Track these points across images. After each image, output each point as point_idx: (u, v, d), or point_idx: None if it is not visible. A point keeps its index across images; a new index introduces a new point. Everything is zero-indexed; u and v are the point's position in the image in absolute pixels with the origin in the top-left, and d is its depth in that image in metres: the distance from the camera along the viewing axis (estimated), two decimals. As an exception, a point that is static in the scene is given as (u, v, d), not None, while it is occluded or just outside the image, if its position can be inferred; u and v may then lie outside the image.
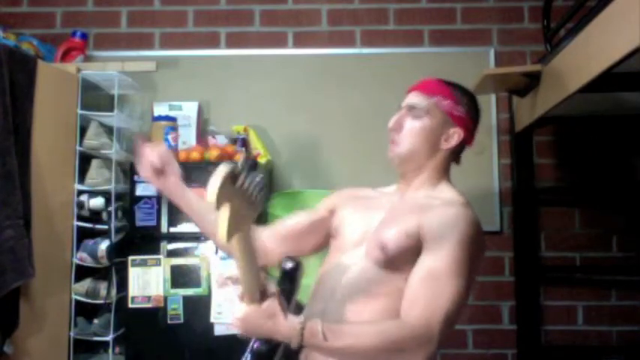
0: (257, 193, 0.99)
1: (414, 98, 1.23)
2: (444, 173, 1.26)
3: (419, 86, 1.26)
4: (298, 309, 1.10)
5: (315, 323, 1.01)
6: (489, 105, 2.61)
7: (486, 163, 2.58)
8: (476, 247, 1.09)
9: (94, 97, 2.44)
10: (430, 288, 1.03)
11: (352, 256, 1.18)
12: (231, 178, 0.93)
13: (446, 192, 1.22)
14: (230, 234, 0.95)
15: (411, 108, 1.22)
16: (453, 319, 1.04)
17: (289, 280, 1.07)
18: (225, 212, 0.93)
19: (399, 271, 1.10)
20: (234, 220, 0.95)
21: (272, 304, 1.02)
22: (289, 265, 1.07)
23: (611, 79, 1.57)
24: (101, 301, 2.24)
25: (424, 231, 1.09)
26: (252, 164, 1.00)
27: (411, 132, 1.21)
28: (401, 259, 1.10)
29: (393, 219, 1.16)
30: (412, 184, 1.24)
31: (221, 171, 0.92)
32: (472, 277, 1.08)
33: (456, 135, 1.23)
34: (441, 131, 1.22)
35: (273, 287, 1.05)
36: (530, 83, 2.15)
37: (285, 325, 1.01)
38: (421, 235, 1.09)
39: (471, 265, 1.06)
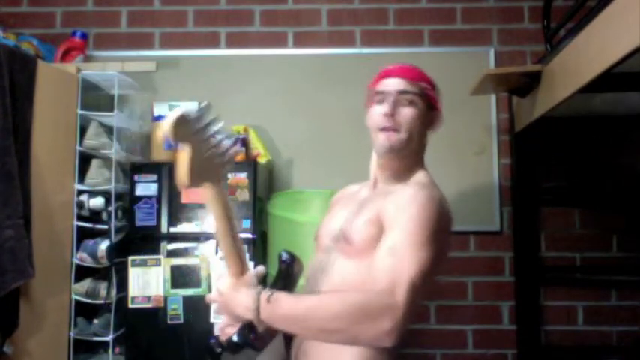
0: (221, 140, 0.99)
1: (401, 84, 1.20)
2: (421, 161, 1.26)
3: (400, 72, 1.22)
4: None
5: (275, 292, 1.01)
6: (489, 105, 2.61)
7: (486, 163, 2.58)
8: (436, 221, 1.06)
9: (94, 97, 2.44)
10: (391, 261, 1.01)
11: (327, 253, 1.18)
12: (189, 121, 0.95)
13: (417, 178, 1.21)
14: (193, 178, 0.95)
15: (402, 93, 1.19)
16: (417, 289, 0.99)
17: (285, 273, 1.08)
18: (184, 154, 0.94)
19: (368, 260, 1.08)
20: (198, 165, 0.95)
21: (247, 277, 1.04)
22: (285, 255, 1.08)
23: (611, 79, 1.57)
24: (101, 301, 2.25)
25: (383, 215, 1.09)
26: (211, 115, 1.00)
27: (409, 118, 1.18)
28: (368, 248, 1.09)
29: (360, 210, 1.16)
30: (388, 172, 1.23)
31: (175, 111, 0.94)
32: (437, 250, 1.04)
33: (437, 120, 1.26)
34: (427, 117, 1.23)
35: (260, 269, 1.07)
36: (530, 83, 2.15)
37: (245, 294, 1.02)
38: (382, 221, 1.09)
39: (431, 238, 1.03)
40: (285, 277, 1.08)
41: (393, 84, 1.20)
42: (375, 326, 0.95)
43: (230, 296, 1.05)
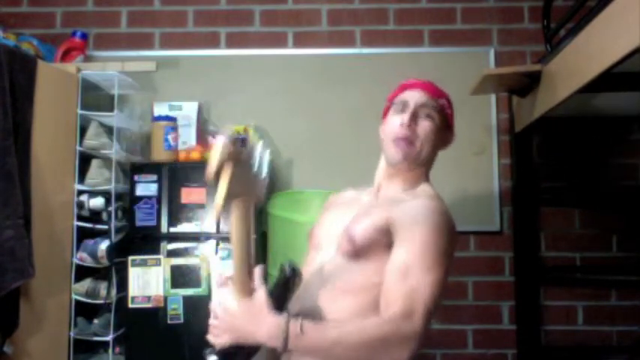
0: (258, 162, 1.00)
1: (422, 97, 1.21)
2: (427, 174, 1.27)
3: (422, 86, 1.24)
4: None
5: (297, 320, 0.99)
6: (489, 105, 2.61)
7: (486, 163, 2.58)
8: (447, 236, 1.08)
9: (94, 97, 2.44)
10: (407, 282, 1.02)
11: (326, 253, 1.18)
12: (232, 146, 0.95)
13: (423, 189, 1.22)
14: (227, 200, 0.94)
15: (422, 106, 1.20)
16: (432, 311, 1.02)
17: (284, 285, 1.06)
18: (225, 176, 0.93)
19: (369, 263, 1.09)
20: (233, 185, 0.94)
21: (261, 297, 1.00)
22: (288, 269, 1.05)
23: (611, 79, 1.57)
24: (101, 301, 2.24)
25: (394, 224, 1.09)
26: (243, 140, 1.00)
27: (427, 131, 1.20)
28: (370, 251, 1.09)
29: (364, 214, 1.16)
30: (395, 182, 1.23)
31: (221, 139, 0.94)
32: (447, 266, 1.06)
33: (451, 138, 1.27)
34: (441, 133, 1.24)
35: (261, 287, 1.03)
36: (530, 83, 2.15)
37: (270, 322, 0.98)
38: (391, 229, 1.09)
39: (444, 254, 1.05)
40: (284, 289, 1.06)
41: (415, 96, 1.22)
42: (393, 355, 0.97)
43: (245, 320, 1.01)
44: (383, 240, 1.09)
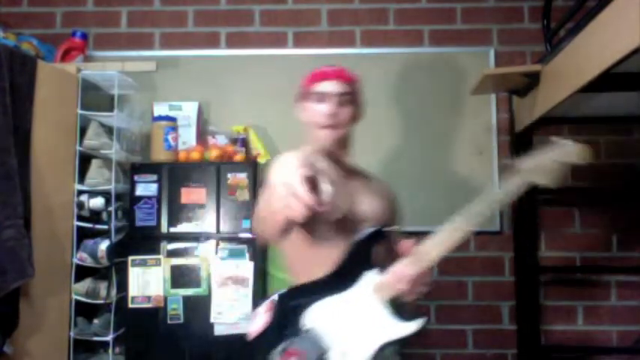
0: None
1: (338, 87, 1.35)
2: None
3: (337, 75, 1.37)
4: None
5: None
6: (489, 105, 2.61)
7: (486, 163, 2.58)
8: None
9: (94, 97, 2.44)
10: None
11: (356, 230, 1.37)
12: None
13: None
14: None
15: (342, 95, 1.34)
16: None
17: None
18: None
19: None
20: None
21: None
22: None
23: (611, 79, 1.57)
24: (101, 301, 2.25)
25: (391, 208, 1.45)
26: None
27: (348, 117, 1.36)
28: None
29: (367, 193, 1.42)
30: (337, 158, 1.39)
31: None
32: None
33: (360, 115, 1.42)
34: (357, 112, 1.41)
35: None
36: (530, 83, 2.15)
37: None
38: (391, 210, 1.44)
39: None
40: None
41: (333, 86, 1.35)
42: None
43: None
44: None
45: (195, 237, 2.18)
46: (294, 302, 1.23)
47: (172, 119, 2.37)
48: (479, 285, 2.56)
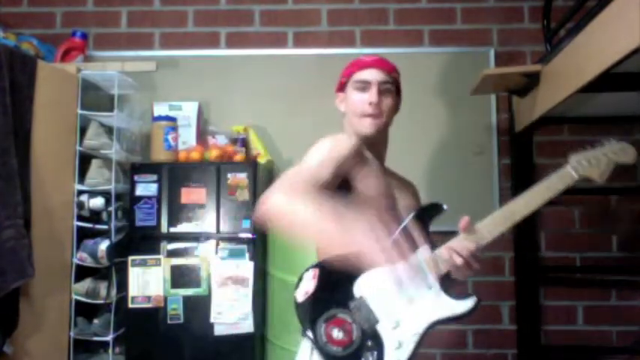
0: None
1: (380, 75, 1.33)
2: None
3: (379, 64, 1.34)
4: None
5: None
6: (489, 105, 2.61)
7: (486, 163, 2.58)
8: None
9: (94, 97, 2.44)
10: None
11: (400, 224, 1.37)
12: None
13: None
14: None
15: (383, 83, 1.33)
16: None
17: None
18: None
19: None
20: None
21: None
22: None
23: (611, 79, 1.57)
24: (101, 301, 2.25)
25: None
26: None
27: (390, 106, 1.34)
28: None
29: (401, 194, 1.43)
30: (377, 149, 1.38)
31: None
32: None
33: (400, 103, 1.41)
34: (397, 102, 1.39)
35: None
36: (530, 83, 2.15)
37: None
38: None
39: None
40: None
41: (374, 75, 1.33)
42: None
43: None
44: None
45: (195, 237, 2.18)
46: (343, 270, 1.16)
47: (172, 119, 2.37)
48: (479, 285, 2.56)
